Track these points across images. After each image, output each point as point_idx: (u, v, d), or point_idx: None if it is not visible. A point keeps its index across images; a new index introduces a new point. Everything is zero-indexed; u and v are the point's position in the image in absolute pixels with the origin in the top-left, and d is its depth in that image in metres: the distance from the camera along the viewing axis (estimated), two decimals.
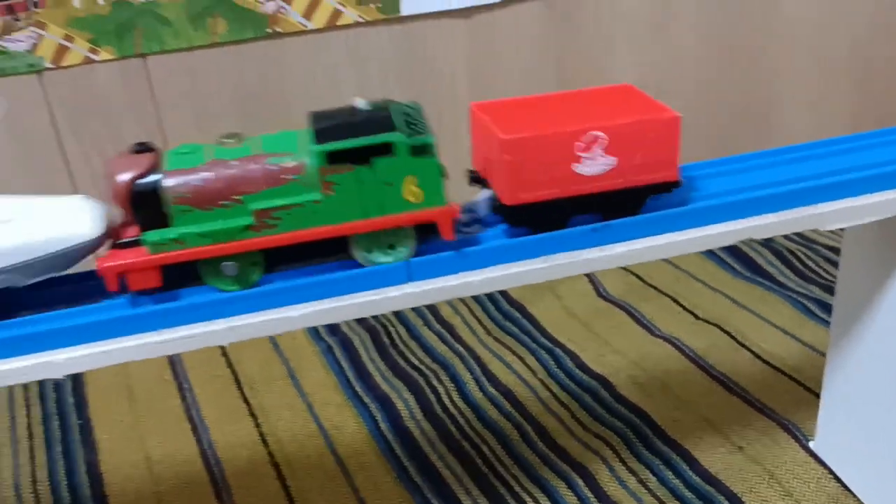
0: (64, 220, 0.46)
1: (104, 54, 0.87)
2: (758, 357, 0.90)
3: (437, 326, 1.00)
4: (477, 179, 0.54)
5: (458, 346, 0.96)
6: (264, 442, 0.84)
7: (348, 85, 0.96)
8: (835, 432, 0.73)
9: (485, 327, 0.99)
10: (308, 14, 0.91)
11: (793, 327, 0.94)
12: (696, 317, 0.97)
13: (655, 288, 1.04)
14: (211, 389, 0.92)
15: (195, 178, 0.46)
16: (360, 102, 0.48)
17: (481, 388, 0.89)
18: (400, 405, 0.87)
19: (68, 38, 0.85)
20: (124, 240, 0.47)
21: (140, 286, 0.47)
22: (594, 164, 0.50)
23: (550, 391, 0.88)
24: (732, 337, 0.93)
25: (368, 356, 0.96)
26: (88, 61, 0.87)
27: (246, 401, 0.90)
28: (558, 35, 1.01)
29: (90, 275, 0.49)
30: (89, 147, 0.90)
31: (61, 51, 0.85)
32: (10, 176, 0.89)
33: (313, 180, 0.46)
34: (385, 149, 0.46)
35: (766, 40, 1.10)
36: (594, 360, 0.92)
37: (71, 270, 0.47)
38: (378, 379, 0.92)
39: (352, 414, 0.87)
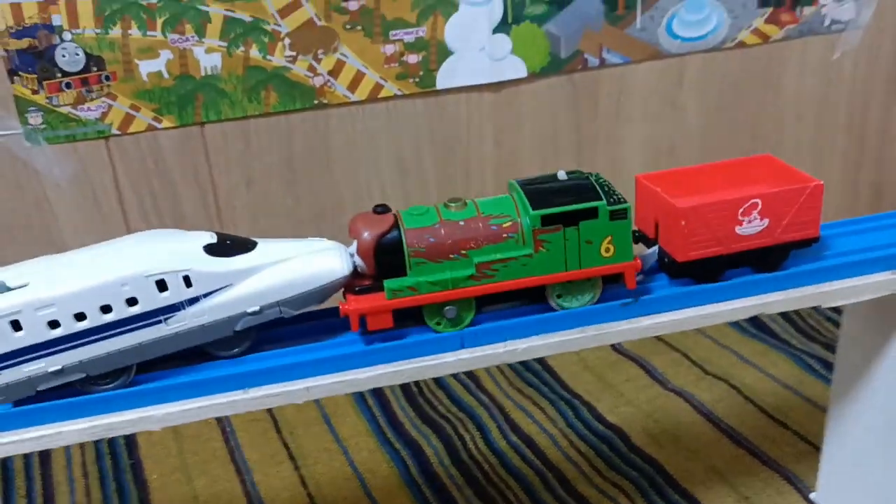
0: (323, 259, 0.55)
1: (166, 122, 0.95)
2: (762, 411, 0.97)
3: (463, 376, 1.07)
4: (642, 238, 0.62)
5: (482, 395, 1.03)
6: (304, 484, 0.91)
7: (387, 150, 1.04)
8: (835, 485, 0.79)
9: (507, 378, 1.06)
10: (352, 87, 0.99)
11: (795, 383, 1.01)
12: (705, 371, 1.04)
13: (666, 343, 1.11)
14: (252, 432, 0.99)
15: (431, 235, 0.54)
16: (561, 174, 0.57)
17: (505, 437, 0.95)
18: (429, 451, 0.94)
19: (135, 107, 0.93)
20: (361, 287, 0.55)
21: (377, 327, 0.55)
22: (751, 226, 0.59)
23: (569, 440, 0.94)
24: (739, 391, 1.00)
25: (398, 404, 1.02)
26: (151, 128, 0.94)
27: (285, 444, 0.97)
28: (577, 107, 1.09)
29: (315, 314, 0.58)
30: (148, 205, 0.98)
31: (128, 119, 0.93)
32: (75, 229, 0.96)
33: (528, 238, 0.55)
34: (591, 213, 0.55)
35: (768, 113, 1.18)
36: (609, 412, 0.98)
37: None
38: (408, 426, 0.98)
39: (384, 458, 0.93)
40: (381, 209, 0.55)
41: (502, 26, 1.02)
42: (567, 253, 0.55)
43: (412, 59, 1.00)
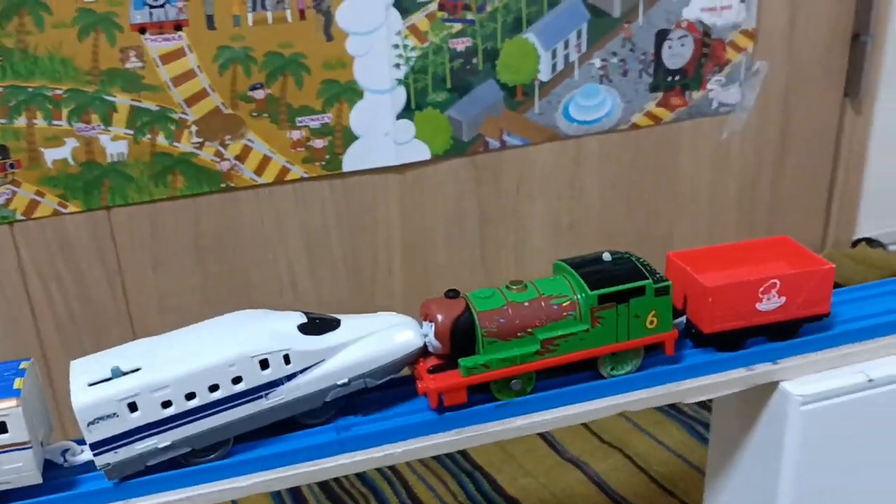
0: (400, 334, 0.60)
1: (72, 207, 0.96)
2: (653, 480, 1.01)
3: None
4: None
5: (386, 469, 1.05)
6: None
7: (294, 230, 1.07)
8: None
9: None
10: (259, 171, 1.02)
11: (686, 451, 1.06)
12: (602, 440, 1.09)
13: None
14: None
15: (502, 316, 0.59)
16: (606, 255, 0.64)
17: None
18: None
19: (40, 193, 0.95)
20: (435, 366, 0.60)
21: (453, 402, 0.59)
22: (770, 303, 0.66)
23: None
24: (632, 460, 1.05)
25: None
26: (57, 213, 0.96)
27: None
28: (480, 187, 1.14)
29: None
30: (53, 288, 0.99)
31: (33, 205, 0.95)
32: None
33: (585, 315, 0.60)
34: (640, 291, 0.61)
35: (664, 190, 1.25)
36: (509, 483, 1.02)
37: None
38: (312, 502, 1.00)
39: None
40: (453, 294, 0.60)
41: (406, 112, 1.06)
42: (618, 326, 0.62)
43: (318, 143, 1.04)
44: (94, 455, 0.54)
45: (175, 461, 0.56)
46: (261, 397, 0.56)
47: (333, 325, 0.59)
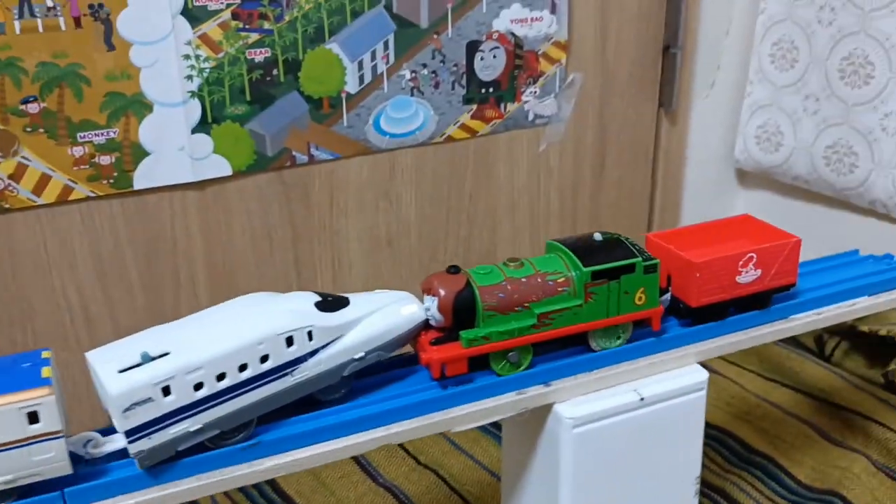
0: (406, 308, 0.63)
1: None
2: (465, 501, 0.99)
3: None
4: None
5: None
6: None
7: (82, 252, 1.00)
8: None
9: None
10: (38, 191, 0.95)
11: (500, 470, 1.04)
12: (418, 462, 1.06)
13: None
14: None
15: (501, 290, 0.63)
16: (597, 235, 0.68)
17: None
18: None
19: None
20: (437, 338, 0.63)
21: (455, 373, 0.63)
22: (747, 276, 0.72)
23: None
24: (445, 482, 1.02)
25: None
26: None
27: None
28: (289, 203, 1.10)
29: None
30: None
31: None
32: None
33: (579, 291, 0.64)
34: (630, 268, 0.65)
35: (483, 203, 1.24)
36: None
37: None
38: None
39: None
40: (454, 269, 0.64)
41: (202, 126, 1.01)
42: (609, 302, 0.66)
43: (105, 160, 0.97)
44: (129, 443, 0.54)
45: (202, 445, 0.57)
46: (286, 374, 0.58)
47: (344, 302, 0.61)
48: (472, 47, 1.14)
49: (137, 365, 0.53)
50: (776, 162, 1.37)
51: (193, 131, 1.01)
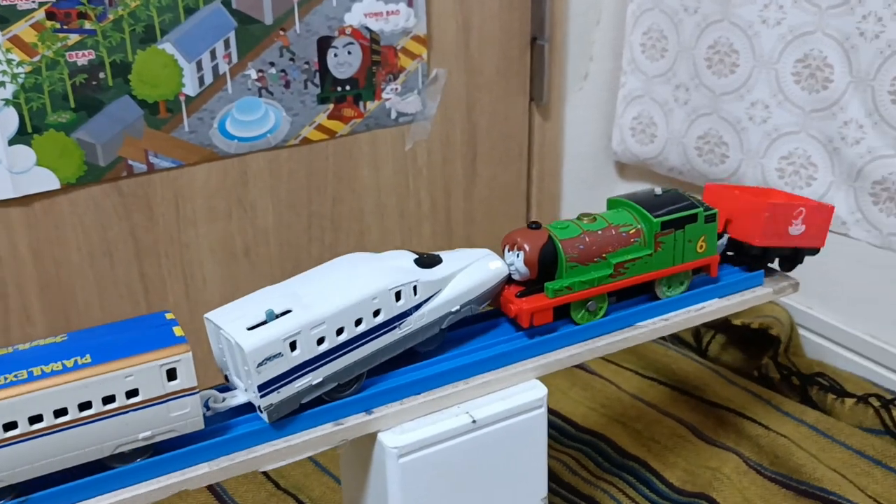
0: (492, 263, 0.67)
1: None
2: None
3: None
4: None
5: None
6: None
7: None
8: None
9: None
10: None
11: None
12: (278, 486, 1.00)
13: None
14: None
15: (581, 243, 0.67)
16: (658, 189, 0.73)
17: None
18: None
19: None
20: (522, 291, 0.67)
21: (541, 322, 0.67)
22: (796, 228, 0.77)
23: None
24: None
25: None
26: None
27: None
28: (129, 215, 1.02)
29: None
30: None
31: None
32: None
33: (649, 241, 0.70)
34: (693, 218, 0.71)
35: (348, 206, 1.18)
36: None
37: None
38: None
39: None
40: (536, 225, 0.67)
41: (21, 137, 0.92)
42: (675, 251, 0.71)
43: None
44: (261, 396, 0.56)
45: (320, 398, 0.60)
46: (395, 328, 0.62)
47: (438, 260, 0.65)
48: (324, 44, 1.08)
49: (263, 322, 0.56)
50: (652, 154, 1.35)
51: (11, 142, 0.92)
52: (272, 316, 0.57)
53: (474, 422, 0.64)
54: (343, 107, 1.12)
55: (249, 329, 0.56)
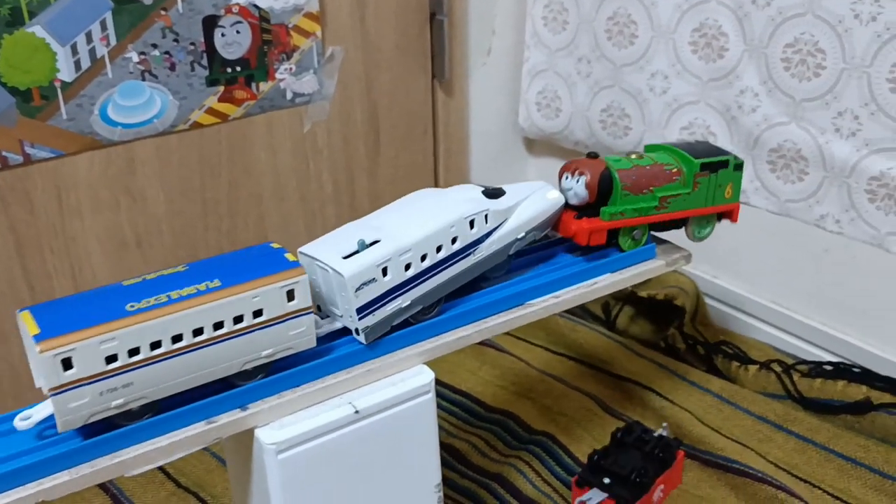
0: (550, 194, 0.71)
1: None
2: None
3: None
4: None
5: None
6: None
7: None
8: None
9: None
10: None
11: None
12: (178, 485, 0.97)
13: None
14: None
15: (633, 175, 0.72)
16: (692, 140, 0.79)
17: None
18: None
19: None
20: (579, 214, 0.72)
21: (596, 242, 0.72)
22: None
23: None
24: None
25: None
26: None
27: None
28: (7, 209, 0.97)
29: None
30: None
31: None
32: None
33: (689, 180, 0.75)
34: (725, 164, 0.76)
35: (244, 190, 1.14)
36: None
37: None
38: None
39: None
40: (594, 155, 0.73)
41: None
42: (708, 192, 0.76)
43: None
44: (360, 319, 0.61)
45: (406, 321, 0.64)
46: (470, 254, 0.66)
47: (502, 192, 0.69)
48: (210, 23, 1.04)
49: (356, 252, 0.60)
50: (558, 128, 1.34)
51: None
52: (364, 245, 0.61)
53: (357, 412, 0.62)
54: (234, 89, 1.08)
55: (345, 258, 0.60)
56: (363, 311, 0.61)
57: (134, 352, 0.53)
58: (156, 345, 0.53)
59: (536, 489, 0.92)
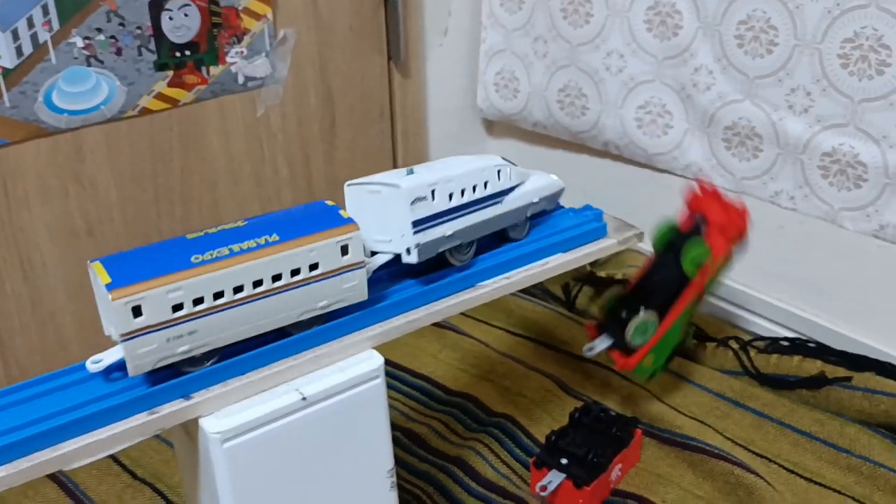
0: (552, 175, 0.80)
1: None
2: None
3: None
4: None
5: None
6: None
7: None
8: None
9: None
10: None
11: None
12: (135, 476, 0.95)
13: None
14: None
15: None
16: None
17: None
18: None
19: None
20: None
21: None
22: None
23: None
24: (164, 497, 0.92)
25: None
26: None
27: None
28: None
29: None
30: None
31: None
32: None
33: None
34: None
35: (198, 176, 1.12)
36: None
37: None
38: None
39: None
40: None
41: None
42: None
43: None
44: (414, 234, 0.65)
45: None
46: (499, 202, 0.72)
47: (514, 163, 0.75)
48: (157, 6, 1.01)
49: (409, 174, 0.66)
50: (516, 109, 1.33)
51: None
52: (411, 172, 0.67)
53: (304, 399, 0.61)
54: (184, 73, 1.06)
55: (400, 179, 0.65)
56: (417, 226, 0.65)
57: (198, 301, 0.56)
58: (219, 295, 0.56)
59: (496, 471, 0.92)
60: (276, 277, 0.59)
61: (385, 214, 0.65)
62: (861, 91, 0.94)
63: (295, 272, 0.59)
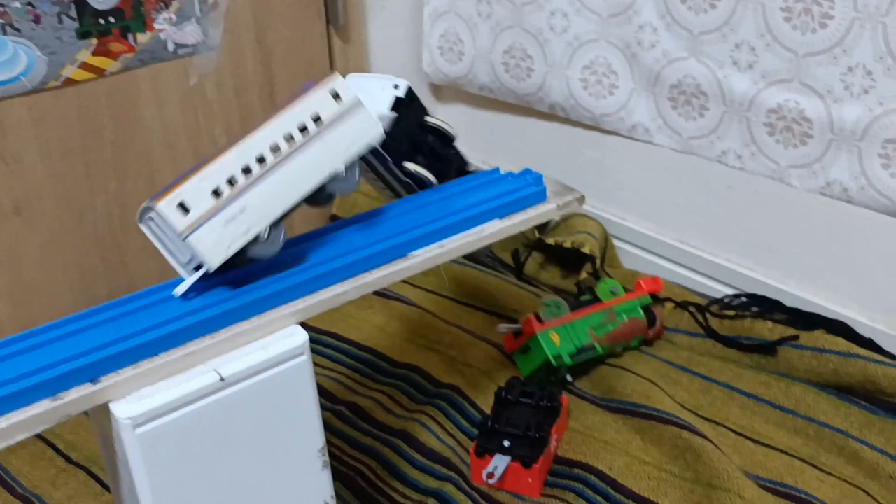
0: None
1: None
2: None
3: None
4: None
5: None
6: None
7: None
8: None
9: None
10: None
11: None
12: (69, 460, 0.92)
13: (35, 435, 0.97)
14: None
15: None
16: None
17: None
18: None
19: None
20: None
21: None
22: None
23: None
24: (99, 481, 0.90)
25: None
26: None
27: None
28: None
29: None
30: None
31: None
32: None
33: None
34: None
35: (133, 148, 1.08)
36: None
37: None
38: None
39: None
40: None
41: None
42: None
43: None
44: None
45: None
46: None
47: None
48: None
49: None
50: (461, 72, 1.30)
51: None
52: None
53: (223, 380, 0.58)
54: (109, 41, 1.02)
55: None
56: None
57: (231, 182, 0.59)
58: (247, 170, 0.59)
59: (441, 442, 0.90)
60: (289, 138, 0.62)
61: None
62: (805, 45, 0.92)
63: (302, 129, 0.62)
